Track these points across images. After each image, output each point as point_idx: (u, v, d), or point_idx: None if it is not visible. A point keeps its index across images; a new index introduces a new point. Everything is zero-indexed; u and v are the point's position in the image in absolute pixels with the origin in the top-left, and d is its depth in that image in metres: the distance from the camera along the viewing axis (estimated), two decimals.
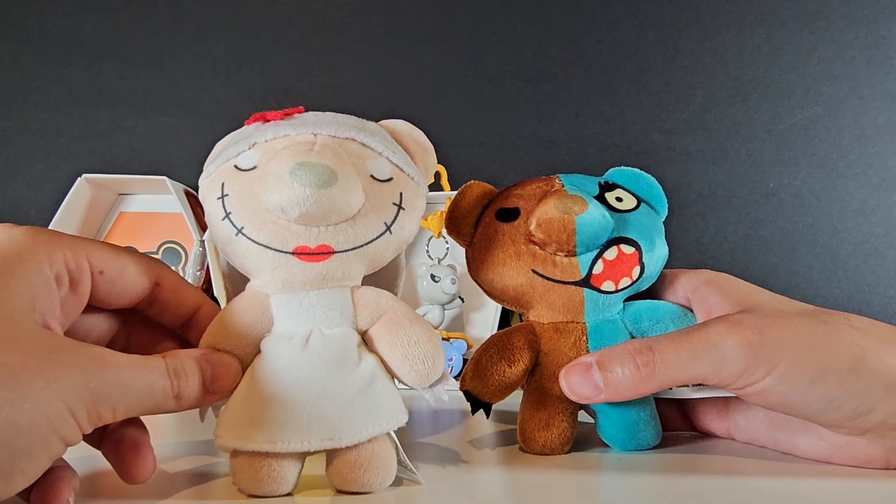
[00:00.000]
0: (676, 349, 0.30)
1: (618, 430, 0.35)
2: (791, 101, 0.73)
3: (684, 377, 0.30)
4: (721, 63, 0.73)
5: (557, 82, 0.75)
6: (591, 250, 0.33)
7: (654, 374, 0.30)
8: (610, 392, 0.31)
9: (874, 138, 0.72)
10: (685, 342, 0.30)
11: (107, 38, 0.77)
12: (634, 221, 0.35)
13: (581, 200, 0.33)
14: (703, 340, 0.30)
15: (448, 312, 0.65)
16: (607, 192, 0.36)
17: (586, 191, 0.35)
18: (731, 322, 0.30)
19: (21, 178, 0.75)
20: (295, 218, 0.28)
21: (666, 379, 0.30)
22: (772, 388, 0.29)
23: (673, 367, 0.30)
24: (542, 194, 0.35)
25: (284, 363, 0.28)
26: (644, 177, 0.37)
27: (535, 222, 0.33)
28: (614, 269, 0.34)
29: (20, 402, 0.21)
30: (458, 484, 0.30)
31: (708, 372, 0.30)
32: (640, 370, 0.30)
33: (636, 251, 0.34)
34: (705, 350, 0.30)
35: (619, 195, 0.36)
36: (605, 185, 0.36)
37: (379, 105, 0.75)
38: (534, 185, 0.36)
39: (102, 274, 0.27)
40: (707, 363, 0.30)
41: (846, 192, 0.72)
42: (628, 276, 0.34)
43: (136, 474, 0.27)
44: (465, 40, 0.76)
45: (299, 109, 0.32)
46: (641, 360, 0.30)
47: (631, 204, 0.36)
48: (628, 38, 0.74)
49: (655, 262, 0.35)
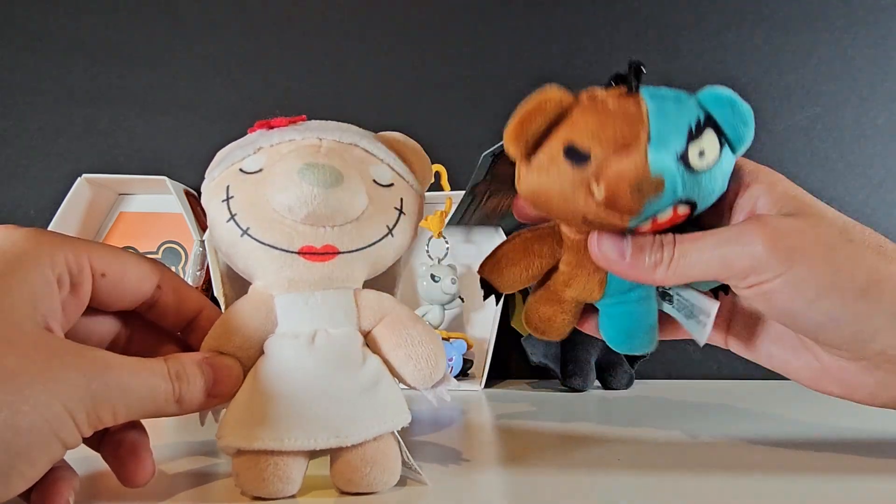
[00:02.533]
0: (694, 241, 0.31)
1: (617, 333, 0.37)
2: (791, 101, 0.73)
3: (699, 268, 0.31)
4: (721, 63, 0.73)
5: (557, 82, 0.75)
6: (647, 216, 0.31)
7: (671, 262, 0.31)
8: (629, 267, 0.32)
9: (874, 138, 0.72)
10: (705, 236, 0.31)
11: (107, 38, 0.77)
12: (705, 182, 0.31)
13: (659, 181, 0.29)
14: (723, 234, 0.31)
15: (448, 312, 0.65)
16: (693, 141, 0.31)
17: (672, 145, 0.30)
18: (756, 221, 0.30)
19: (21, 178, 0.75)
20: (302, 217, 0.28)
21: (680, 267, 0.31)
22: (778, 291, 0.29)
23: (689, 257, 0.31)
24: (622, 145, 0.30)
25: (290, 362, 0.28)
26: (742, 113, 0.31)
27: (604, 191, 0.30)
28: (661, 226, 0.32)
29: (19, 404, 0.21)
30: (462, 484, 0.30)
31: (722, 263, 0.30)
32: (661, 254, 0.31)
33: (690, 209, 0.31)
34: (723, 243, 0.30)
35: (704, 146, 0.31)
36: (695, 130, 0.31)
37: (379, 105, 0.75)
38: (616, 125, 0.30)
39: (104, 276, 0.27)
40: (722, 254, 0.30)
41: (846, 192, 0.72)
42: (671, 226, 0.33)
43: (135, 478, 0.27)
44: (465, 41, 0.76)
45: (302, 118, 0.33)
46: (663, 248, 0.31)
47: (713, 156, 0.31)
48: (628, 38, 0.74)
49: (708, 204, 0.32)
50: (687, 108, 0.31)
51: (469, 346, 0.63)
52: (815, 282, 0.29)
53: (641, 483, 0.30)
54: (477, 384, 0.61)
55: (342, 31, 0.77)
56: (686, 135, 0.30)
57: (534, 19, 0.75)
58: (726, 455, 0.34)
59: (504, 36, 0.76)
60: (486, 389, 0.60)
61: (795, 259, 0.29)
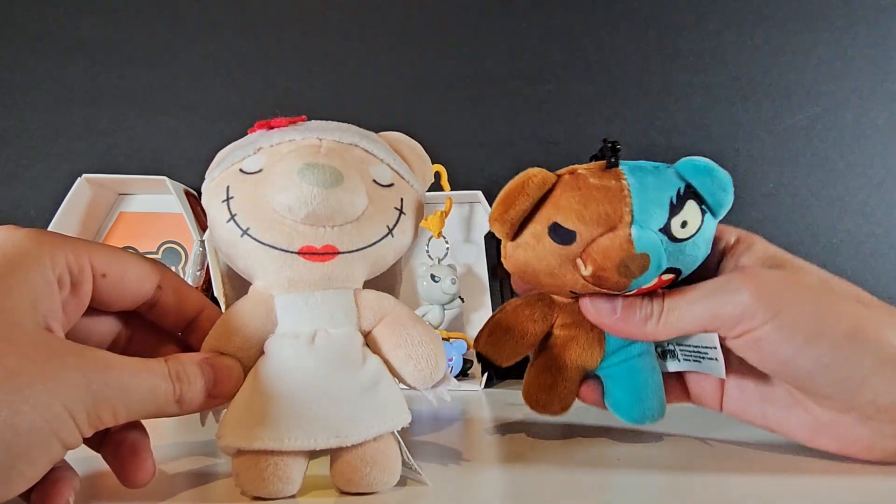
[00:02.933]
0: (682, 295, 0.32)
1: (625, 395, 0.35)
2: (791, 101, 0.73)
3: (688, 319, 0.32)
4: (721, 63, 0.73)
5: (557, 82, 0.75)
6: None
7: (660, 318, 0.32)
8: (621, 322, 0.33)
9: (874, 138, 0.72)
10: (692, 289, 0.32)
11: (107, 38, 0.77)
12: (689, 251, 0.31)
13: (644, 259, 0.30)
14: (709, 286, 0.32)
15: (448, 312, 0.65)
16: (675, 214, 0.31)
17: (654, 221, 0.31)
18: (740, 271, 0.32)
19: (21, 178, 0.75)
20: (302, 217, 0.28)
21: (670, 321, 0.32)
22: (767, 338, 0.30)
23: (678, 310, 0.32)
24: (606, 226, 0.30)
25: (290, 361, 0.28)
26: (721, 181, 0.32)
27: (591, 270, 0.30)
28: (647, 290, 0.32)
29: (19, 404, 0.21)
30: (462, 484, 0.30)
31: (711, 314, 0.31)
32: (650, 309, 0.32)
33: (674, 276, 0.32)
34: (710, 294, 0.31)
35: (685, 218, 0.31)
36: (676, 201, 0.31)
37: (379, 105, 0.75)
38: (599, 205, 0.31)
39: (104, 276, 0.27)
40: (710, 305, 0.31)
41: (846, 192, 0.72)
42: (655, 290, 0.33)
43: (135, 479, 0.27)
44: (465, 41, 0.76)
45: (302, 118, 0.33)
46: (651, 304, 0.32)
47: (695, 227, 0.31)
48: (628, 38, 0.74)
49: (692, 270, 0.33)
50: (667, 181, 0.32)
51: (469, 346, 0.63)
52: (803, 327, 0.29)
53: (641, 483, 0.30)
54: (477, 384, 0.61)
55: (342, 31, 0.77)
56: (668, 208, 0.31)
57: (534, 19, 0.75)
58: (727, 455, 0.34)
59: (504, 36, 0.76)
60: (486, 389, 0.60)
61: (782, 305, 0.30)
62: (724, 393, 0.36)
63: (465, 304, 0.67)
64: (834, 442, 0.32)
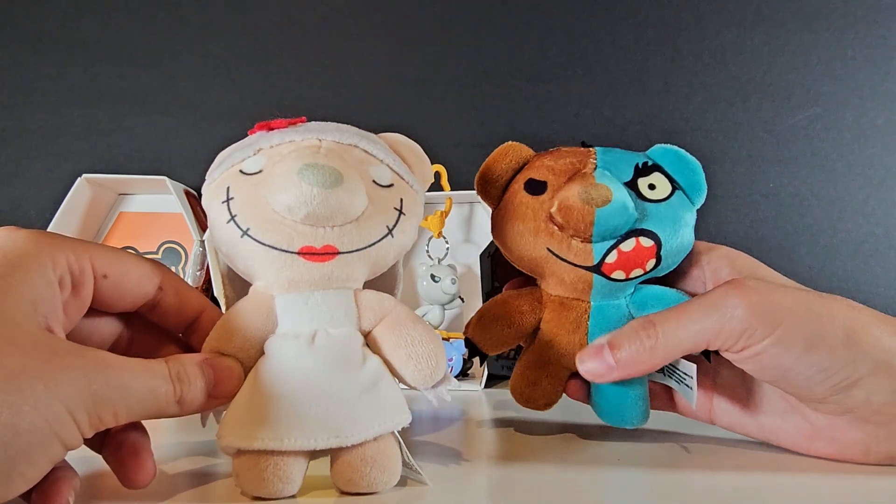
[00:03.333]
0: (677, 318, 0.32)
1: (607, 404, 0.36)
2: (791, 101, 0.73)
3: (687, 343, 0.31)
4: (721, 63, 0.73)
5: (557, 82, 0.75)
6: (608, 240, 0.33)
7: (656, 346, 0.31)
8: (621, 369, 0.32)
9: (874, 138, 0.72)
10: (685, 310, 0.32)
11: (107, 38, 0.77)
12: (662, 213, 0.34)
13: (606, 190, 0.32)
14: (703, 304, 0.31)
15: (448, 312, 0.65)
16: (642, 176, 0.35)
17: (619, 174, 0.34)
18: (733, 284, 0.31)
19: (21, 178, 0.75)
20: (301, 217, 0.28)
21: (669, 347, 0.31)
22: (768, 350, 0.30)
23: (674, 335, 0.31)
24: (572, 172, 0.34)
25: (290, 361, 0.28)
26: (687, 160, 0.35)
27: (557, 206, 0.33)
28: (628, 260, 0.33)
29: (20, 404, 0.21)
30: (462, 484, 0.30)
31: (710, 334, 0.31)
32: (645, 343, 0.32)
33: (655, 245, 0.33)
34: (706, 313, 0.31)
35: (653, 181, 0.35)
36: (642, 167, 0.35)
37: (379, 105, 0.75)
38: (568, 158, 0.35)
39: (105, 277, 0.27)
40: (708, 325, 0.31)
41: (846, 192, 0.72)
42: (641, 268, 0.34)
43: (136, 479, 0.27)
44: (465, 40, 0.76)
45: (302, 119, 0.33)
46: (645, 335, 0.32)
47: (664, 192, 0.34)
48: (628, 38, 0.74)
49: (675, 254, 0.34)
50: (634, 155, 0.36)
51: None
52: (801, 336, 0.30)
53: (641, 482, 0.30)
54: (477, 384, 0.61)
55: (342, 31, 0.77)
56: (633, 170, 0.35)
57: (534, 19, 0.75)
58: (727, 454, 0.34)
59: (504, 36, 0.76)
60: (486, 389, 0.60)
61: (781, 318, 0.30)
62: (713, 406, 0.37)
63: (465, 304, 0.67)
64: (831, 447, 0.32)
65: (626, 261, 0.33)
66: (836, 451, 0.32)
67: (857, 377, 0.29)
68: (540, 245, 0.34)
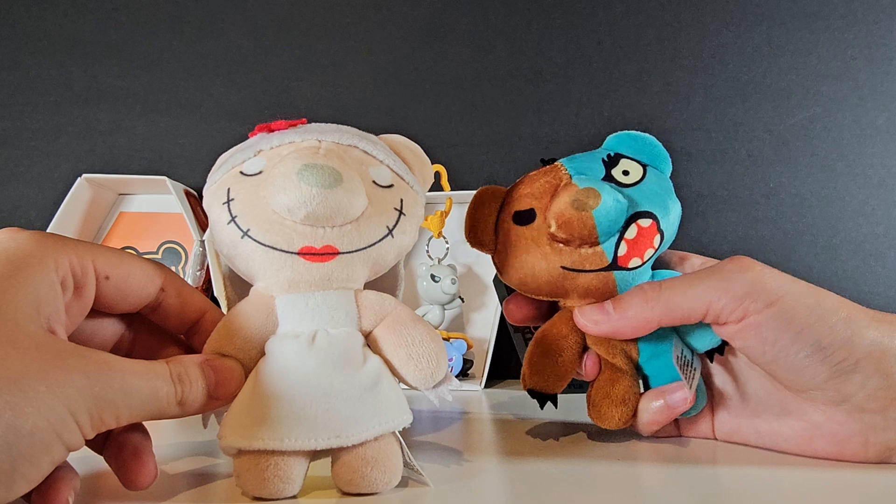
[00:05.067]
0: (682, 280, 0.33)
1: None
2: (791, 101, 0.73)
3: (689, 303, 0.32)
4: (721, 63, 0.73)
5: (557, 82, 0.75)
6: (613, 235, 0.34)
7: (658, 297, 0.32)
8: (618, 315, 0.33)
9: (874, 138, 0.72)
10: (691, 275, 0.33)
11: (107, 38, 0.77)
12: (646, 192, 0.35)
13: (594, 193, 0.33)
14: (709, 271, 0.33)
15: (448, 312, 0.65)
16: (613, 167, 0.36)
17: (593, 174, 0.36)
18: (739, 258, 0.33)
19: (21, 178, 0.75)
20: (301, 218, 0.28)
21: (670, 303, 0.32)
22: (768, 322, 0.31)
23: (677, 293, 0.32)
24: (552, 190, 0.35)
25: (291, 361, 0.28)
26: (643, 138, 0.38)
27: (555, 224, 0.34)
28: (637, 245, 0.34)
29: (22, 406, 0.21)
30: (462, 484, 0.30)
31: (712, 295, 0.32)
32: (647, 294, 0.33)
33: (653, 221, 0.34)
34: (710, 276, 0.32)
35: (625, 168, 0.36)
36: (608, 160, 0.37)
37: (379, 105, 0.75)
38: (541, 180, 0.36)
39: (108, 279, 0.27)
40: (711, 287, 0.32)
41: (846, 192, 0.72)
42: (651, 247, 0.35)
43: (137, 481, 0.27)
44: (465, 40, 0.76)
45: (302, 121, 0.33)
46: (649, 287, 0.33)
47: (638, 174, 0.36)
48: (628, 38, 0.74)
49: (672, 223, 0.36)
50: (594, 154, 0.37)
51: (469, 346, 0.63)
52: (803, 309, 0.30)
53: (642, 482, 0.30)
54: (477, 384, 0.61)
55: (342, 31, 0.77)
56: (602, 165, 0.36)
57: (534, 19, 0.75)
58: (727, 454, 0.34)
59: (504, 36, 0.76)
60: (486, 389, 0.60)
61: (784, 290, 0.31)
62: (715, 417, 0.37)
63: (464, 304, 0.68)
64: (830, 444, 0.32)
65: (636, 246, 0.34)
66: (836, 450, 0.32)
67: (855, 358, 0.30)
68: (553, 266, 0.35)
